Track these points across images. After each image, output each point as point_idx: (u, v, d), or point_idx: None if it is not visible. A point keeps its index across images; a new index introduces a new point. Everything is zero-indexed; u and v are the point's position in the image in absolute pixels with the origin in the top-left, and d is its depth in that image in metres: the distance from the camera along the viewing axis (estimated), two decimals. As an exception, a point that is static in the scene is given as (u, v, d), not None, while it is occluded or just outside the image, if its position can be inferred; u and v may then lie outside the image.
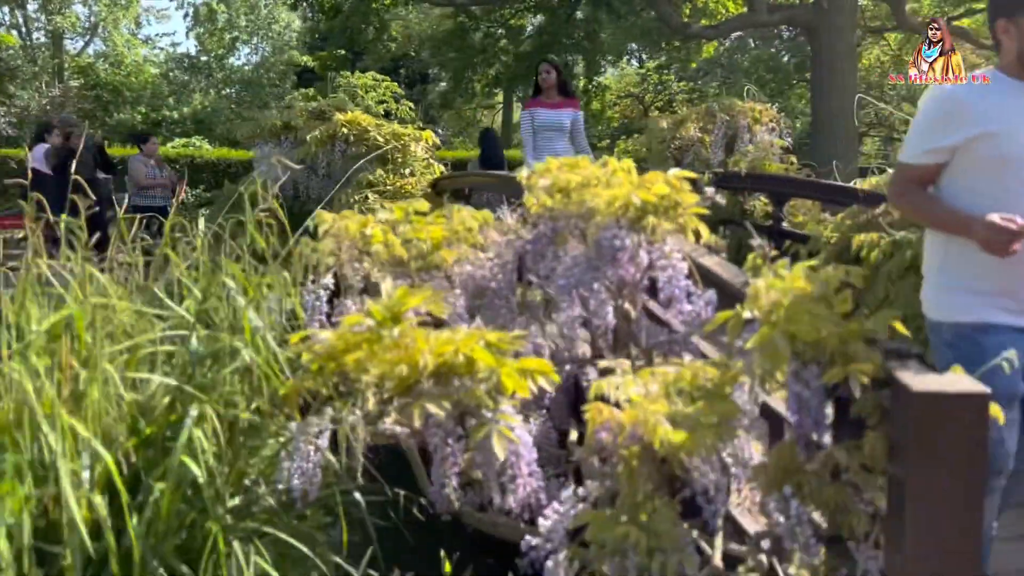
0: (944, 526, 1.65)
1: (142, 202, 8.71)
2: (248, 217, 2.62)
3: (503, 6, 14.10)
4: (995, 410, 1.72)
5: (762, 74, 16.26)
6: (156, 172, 9.03)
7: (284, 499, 2.40)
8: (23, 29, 32.75)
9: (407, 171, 5.63)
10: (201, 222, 2.71)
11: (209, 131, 32.32)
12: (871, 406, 1.89)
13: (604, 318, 2.53)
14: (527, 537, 2.18)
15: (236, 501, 2.26)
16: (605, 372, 2.67)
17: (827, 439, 2.06)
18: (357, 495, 2.47)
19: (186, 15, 37.73)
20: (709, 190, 3.60)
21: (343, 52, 17.09)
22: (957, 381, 1.70)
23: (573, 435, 3.34)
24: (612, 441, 1.94)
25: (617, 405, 2.07)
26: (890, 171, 4.00)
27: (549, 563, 2.16)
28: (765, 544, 2.32)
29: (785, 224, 4.65)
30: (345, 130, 5.82)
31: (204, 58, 36.15)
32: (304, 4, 16.48)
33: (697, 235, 2.73)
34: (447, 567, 2.78)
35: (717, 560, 2.20)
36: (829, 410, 2.05)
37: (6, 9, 30.28)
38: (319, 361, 2.15)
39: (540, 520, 2.17)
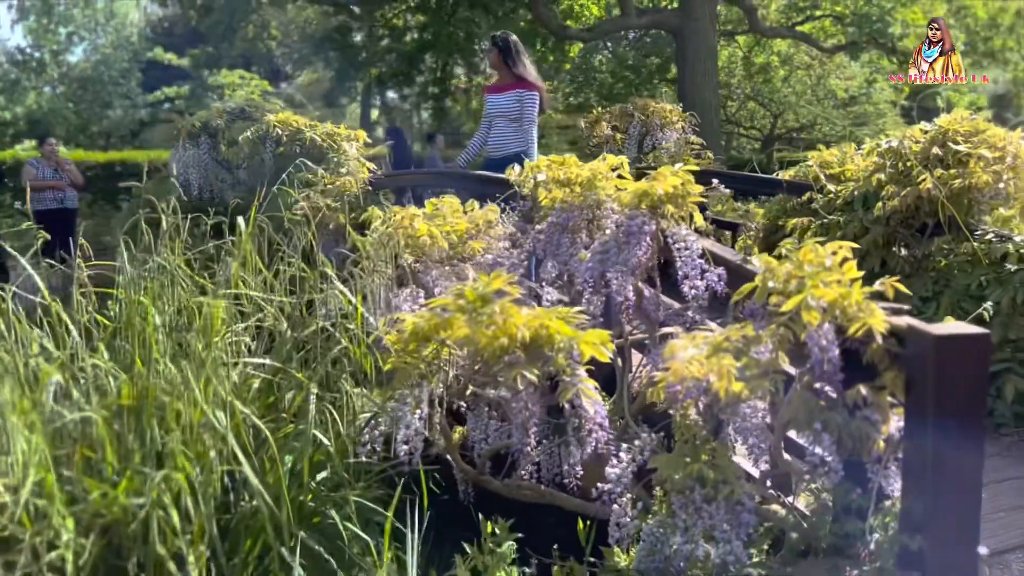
0: (959, 437, 2.10)
1: (37, 206, 8.33)
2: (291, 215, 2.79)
3: (383, 6, 14.21)
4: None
5: (624, 74, 17.12)
6: (50, 174, 8.64)
7: (353, 470, 2.61)
8: None
9: (343, 170, 5.76)
10: (241, 221, 2.85)
11: (47, 133, 30.28)
12: (881, 352, 2.34)
13: (626, 296, 2.89)
14: (599, 484, 2.51)
15: (326, 473, 2.46)
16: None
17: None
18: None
19: (10, 7, 35.16)
20: (714, 181, 4.04)
21: (210, 49, 16.65)
22: (961, 326, 2.17)
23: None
24: (683, 393, 2.29)
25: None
26: (810, 164, 4.55)
27: (616, 506, 2.51)
28: (768, 482, 2.76)
29: (708, 212, 5.16)
30: (278, 130, 5.89)
31: (37, 54, 33.88)
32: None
33: (690, 220, 3.13)
34: (488, 528, 3.06)
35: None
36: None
37: None
38: (404, 342, 2.39)
39: (607, 469, 2.50)
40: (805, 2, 15.23)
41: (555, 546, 2.95)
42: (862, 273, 2.48)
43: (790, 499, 2.73)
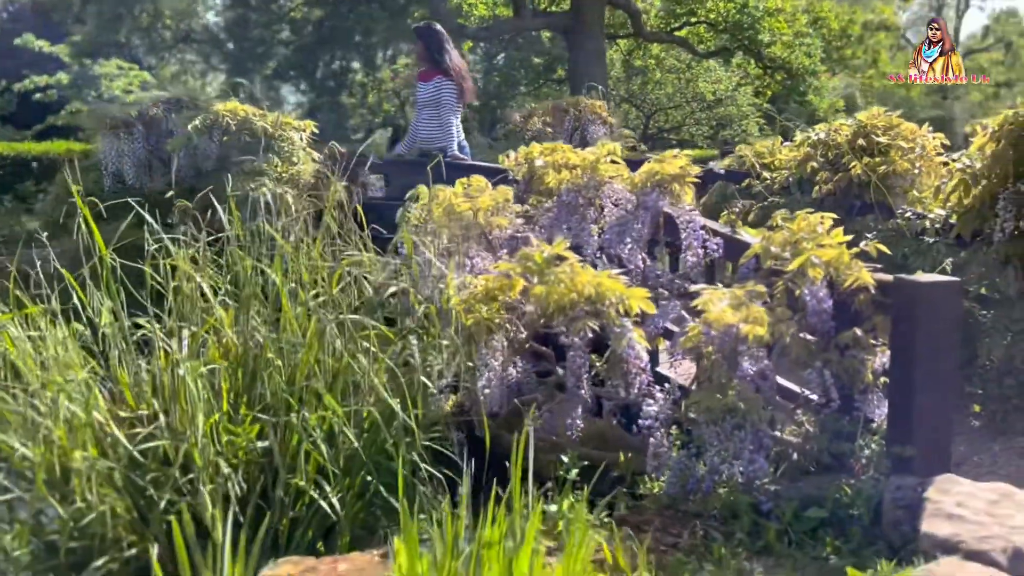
0: (942, 363, 2.62)
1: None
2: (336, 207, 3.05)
3: (281, -1, 14.20)
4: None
5: (512, 73, 17.70)
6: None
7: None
8: None
9: (295, 159, 5.90)
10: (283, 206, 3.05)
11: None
12: (867, 301, 2.85)
13: (636, 264, 3.31)
14: (640, 420, 2.90)
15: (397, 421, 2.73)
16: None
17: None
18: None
19: None
20: (712, 164, 4.47)
21: (77, 37, 15.94)
22: (937, 277, 2.71)
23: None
24: (718, 337, 2.71)
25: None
26: (743, 154, 5.10)
27: (652, 440, 2.91)
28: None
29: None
30: (228, 119, 5.95)
31: None
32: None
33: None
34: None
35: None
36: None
37: None
38: (471, 302, 2.71)
39: (644, 407, 2.90)
40: (682, 9, 16.24)
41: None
42: (850, 237, 2.99)
43: (776, 432, 3.21)
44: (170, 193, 4.40)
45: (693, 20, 16.56)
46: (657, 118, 24.00)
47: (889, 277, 2.80)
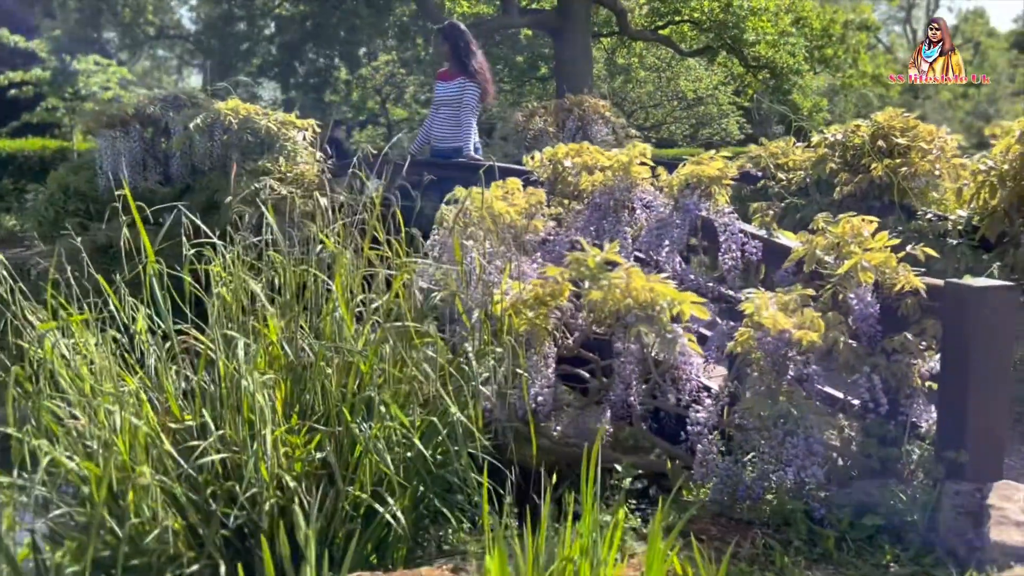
0: (994, 363, 2.60)
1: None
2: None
3: (266, -6, 14.01)
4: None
5: (497, 71, 17.64)
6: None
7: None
8: None
9: (299, 159, 5.81)
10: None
11: None
12: (914, 306, 2.83)
13: (674, 268, 3.27)
14: (688, 427, 2.86)
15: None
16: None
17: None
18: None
19: None
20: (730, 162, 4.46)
21: (57, 32, 15.64)
22: (991, 281, 2.69)
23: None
24: (770, 343, 2.68)
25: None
26: (754, 155, 5.08)
27: (699, 447, 2.87)
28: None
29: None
30: (230, 118, 5.83)
31: None
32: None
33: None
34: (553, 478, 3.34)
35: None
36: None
37: None
38: (518, 307, 2.66)
39: (691, 413, 2.86)
40: (667, 8, 16.25)
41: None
42: (896, 241, 2.98)
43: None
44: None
45: (678, 19, 16.58)
46: (637, 116, 24.06)
47: (939, 281, 2.79)
